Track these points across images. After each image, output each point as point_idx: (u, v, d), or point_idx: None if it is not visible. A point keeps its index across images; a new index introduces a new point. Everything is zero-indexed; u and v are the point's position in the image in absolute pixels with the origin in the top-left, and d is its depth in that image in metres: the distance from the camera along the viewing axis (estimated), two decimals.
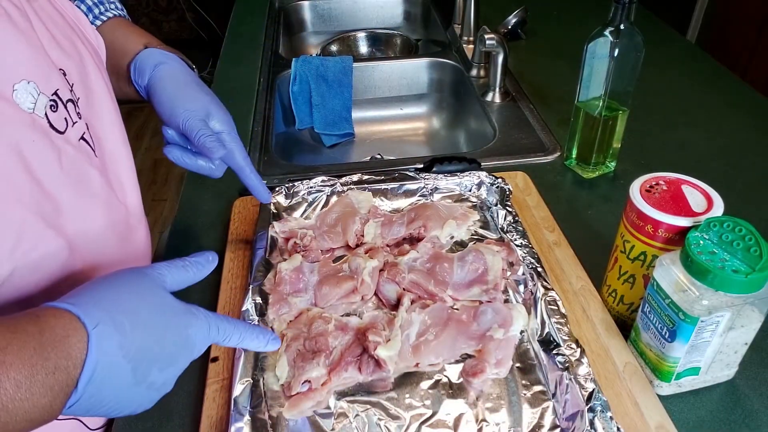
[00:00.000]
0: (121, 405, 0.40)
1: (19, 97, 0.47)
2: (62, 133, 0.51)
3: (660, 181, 0.57)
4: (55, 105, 0.51)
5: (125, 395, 0.40)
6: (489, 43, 1.01)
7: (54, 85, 0.51)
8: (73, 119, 0.53)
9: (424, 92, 1.27)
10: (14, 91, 0.47)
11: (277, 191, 0.77)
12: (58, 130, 0.51)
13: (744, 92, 1.08)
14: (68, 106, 0.53)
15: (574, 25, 1.36)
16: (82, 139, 0.55)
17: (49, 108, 0.50)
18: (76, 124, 0.54)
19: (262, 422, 0.51)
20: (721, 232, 0.50)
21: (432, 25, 1.49)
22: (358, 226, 0.72)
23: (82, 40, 0.60)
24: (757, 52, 1.95)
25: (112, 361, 0.38)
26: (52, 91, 0.51)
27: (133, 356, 0.39)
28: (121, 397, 0.40)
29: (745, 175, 0.86)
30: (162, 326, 0.42)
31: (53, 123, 0.50)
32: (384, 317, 0.62)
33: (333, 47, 1.41)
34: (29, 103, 0.48)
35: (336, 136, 1.20)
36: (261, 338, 0.49)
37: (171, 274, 0.46)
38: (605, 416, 0.49)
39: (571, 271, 0.68)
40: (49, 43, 0.53)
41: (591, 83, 0.80)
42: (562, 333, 0.56)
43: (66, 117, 0.52)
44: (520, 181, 0.82)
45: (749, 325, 0.51)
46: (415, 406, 0.54)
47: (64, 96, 0.52)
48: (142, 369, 0.40)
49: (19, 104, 0.47)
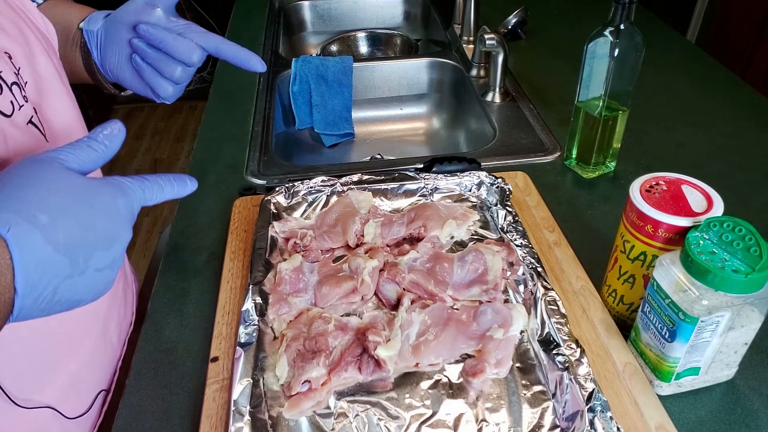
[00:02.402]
0: (76, 295, 0.40)
1: None
2: (8, 117, 0.51)
3: (660, 181, 0.57)
4: (0, 88, 0.50)
5: (74, 286, 0.39)
6: (489, 43, 1.01)
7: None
8: (19, 102, 0.52)
9: (424, 92, 1.27)
10: None
11: (277, 191, 0.77)
12: (4, 114, 0.50)
13: (744, 92, 1.08)
14: (13, 89, 0.52)
15: (574, 25, 1.36)
16: (31, 123, 0.54)
17: None
18: (23, 107, 0.53)
19: (262, 422, 0.52)
20: (721, 232, 0.50)
21: (432, 25, 1.49)
22: (358, 226, 0.72)
23: (29, 25, 0.59)
24: (757, 52, 1.95)
25: (41, 257, 0.37)
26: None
27: (64, 247, 0.38)
28: (71, 288, 0.39)
29: (745, 175, 0.86)
30: (85, 209, 0.40)
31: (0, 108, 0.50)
32: (384, 317, 0.62)
33: (333, 47, 1.41)
34: None
35: (336, 136, 1.20)
36: (179, 181, 0.47)
37: (75, 154, 0.42)
38: (605, 416, 0.49)
39: (571, 271, 0.68)
40: None
41: (591, 83, 0.80)
42: (562, 333, 0.56)
43: (12, 100, 0.51)
44: (520, 181, 0.82)
45: (749, 325, 0.51)
46: (415, 406, 0.54)
47: (8, 79, 0.51)
48: (80, 257, 0.39)
49: None
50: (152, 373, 0.60)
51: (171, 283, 0.70)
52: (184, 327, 0.65)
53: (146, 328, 0.65)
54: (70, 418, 0.61)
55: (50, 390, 0.58)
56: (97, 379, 0.66)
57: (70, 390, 0.61)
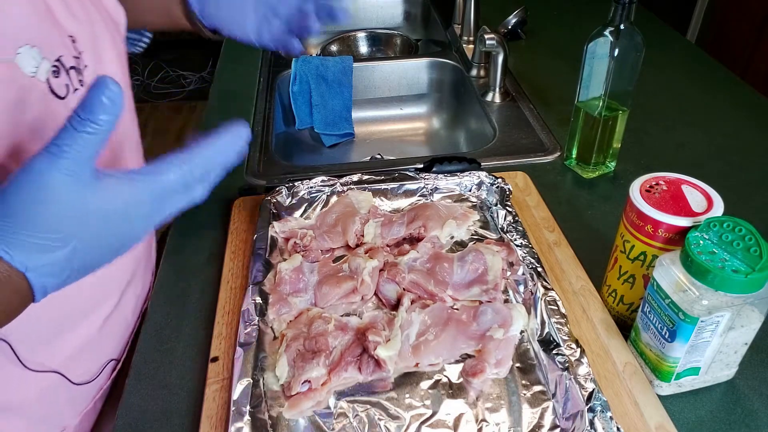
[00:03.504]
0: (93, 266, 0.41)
1: (21, 60, 0.47)
2: (62, 99, 0.52)
3: (660, 181, 0.57)
4: (57, 71, 0.51)
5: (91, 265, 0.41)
6: (489, 43, 1.01)
7: (58, 51, 0.52)
8: (74, 86, 0.53)
9: (424, 92, 1.27)
10: (17, 55, 0.47)
11: (277, 191, 0.77)
12: (58, 96, 0.51)
13: (744, 92, 1.08)
14: (71, 73, 0.53)
15: (574, 25, 1.36)
16: None
17: (51, 73, 0.50)
18: (77, 91, 0.54)
19: (262, 422, 0.52)
20: (721, 232, 0.50)
21: (432, 25, 1.49)
22: (358, 226, 0.72)
23: (98, 7, 0.60)
24: (757, 52, 1.95)
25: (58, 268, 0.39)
26: (56, 57, 0.51)
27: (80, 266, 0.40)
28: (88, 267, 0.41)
29: (745, 175, 0.86)
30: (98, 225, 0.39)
31: (54, 88, 0.51)
32: (384, 317, 0.62)
33: (333, 47, 1.41)
34: (32, 68, 0.48)
35: (336, 136, 1.20)
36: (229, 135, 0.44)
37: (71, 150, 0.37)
38: (605, 416, 0.49)
39: (571, 271, 0.68)
40: (59, 8, 0.53)
41: (590, 83, 0.80)
42: (562, 333, 0.56)
43: (67, 83, 0.52)
44: (520, 181, 0.82)
45: (749, 325, 0.51)
46: (415, 406, 0.54)
47: (67, 63, 0.53)
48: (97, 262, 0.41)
49: (21, 68, 0.47)
50: (152, 373, 0.60)
51: (171, 283, 0.70)
52: (184, 327, 0.64)
53: (146, 328, 0.65)
54: (77, 384, 0.62)
55: (59, 355, 0.59)
56: (108, 348, 0.67)
57: (80, 357, 0.62)
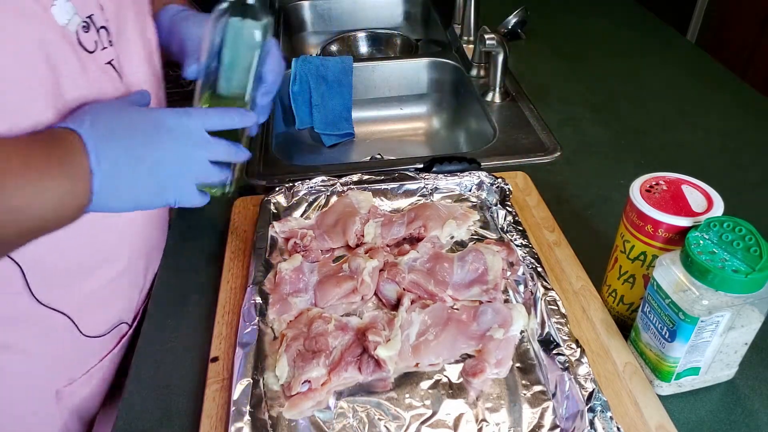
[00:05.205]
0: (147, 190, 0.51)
1: (56, 11, 0.49)
2: (91, 53, 0.54)
3: (660, 181, 0.57)
4: (87, 27, 0.53)
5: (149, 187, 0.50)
6: (489, 43, 1.01)
7: (90, 10, 0.54)
8: (103, 44, 0.55)
9: (424, 92, 1.27)
10: (53, 6, 0.49)
11: (277, 191, 0.77)
12: (86, 49, 0.53)
13: (744, 92, 1.08)
14: (100, 32, 0.55)
15: (574, 25, 1.36)
16: (110, 64, 0.57)
17: (81, 28, 0.52)
18: (105, 49, 0.56)
19: (262, 422, 0.52)
20: (721, 232, 0.50)
21: (432, 25, 1.49)
22: (358, 226, 0.72)
23: None
24: (757, 52, 1.95)
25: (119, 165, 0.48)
26: (87, 14, 0.53)
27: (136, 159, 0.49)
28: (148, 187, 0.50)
29: (745, 175, 0.86)
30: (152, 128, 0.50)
31: (83, 42, 0.53)
32: (384, 317, 0.62)
33: (333, 47, 1.41)
34: (64, 20, 0.50)
35: (336, 136, 1.20)
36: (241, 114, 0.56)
37: None
38: (605, 416, 0.49)
39: (571, 271, 0.68)
40: None
41: None
42: (562, 333, 0.56)
43: (96, 40, 0.55)
44: (520, 181, 0.82)
45: (749, 325, 0.51)
46: (415, 406, 0.54)
47: (97, 23, 0.55)
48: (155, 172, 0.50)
49: (55, 16, 0.49)
50: (152, 373, 0.60)
51: (171, 283, 0.70)
52: (184, 327, 0.64)
53: (146, 327, 0.65)
54: (85, 335, 0.63)
55: (70, 300, 0.60)
56: (120, 306, 0.68)
57: (90, 308, 0.63)
